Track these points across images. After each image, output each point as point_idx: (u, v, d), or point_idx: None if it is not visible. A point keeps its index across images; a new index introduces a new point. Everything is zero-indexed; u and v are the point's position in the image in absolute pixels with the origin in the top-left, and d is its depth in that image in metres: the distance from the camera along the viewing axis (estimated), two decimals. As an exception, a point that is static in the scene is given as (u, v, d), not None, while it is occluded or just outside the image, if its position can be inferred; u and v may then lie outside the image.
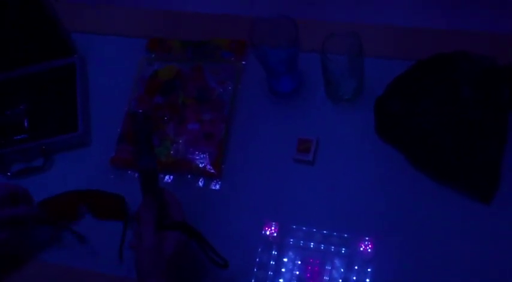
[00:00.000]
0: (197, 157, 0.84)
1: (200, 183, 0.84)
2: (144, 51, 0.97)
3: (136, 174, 0.86)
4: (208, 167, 0.83)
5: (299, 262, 0.75)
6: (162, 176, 0.85)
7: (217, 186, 0.83)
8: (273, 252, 0.76)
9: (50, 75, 0.95)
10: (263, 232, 0.77)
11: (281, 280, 0.75)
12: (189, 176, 0.84)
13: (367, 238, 0.73)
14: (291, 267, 0.75)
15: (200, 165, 0.83)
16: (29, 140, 0.90)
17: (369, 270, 0.73)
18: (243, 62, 0.92)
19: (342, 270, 0.74)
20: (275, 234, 0.76)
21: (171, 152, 0.85)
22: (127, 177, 0.86)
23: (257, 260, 0.76)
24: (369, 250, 0.72)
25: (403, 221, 0.76)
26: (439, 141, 0.78)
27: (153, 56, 0.96)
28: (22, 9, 0.87)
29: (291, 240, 0.77)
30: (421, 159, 0.79)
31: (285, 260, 0.76)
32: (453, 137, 0.78)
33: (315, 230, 0.77)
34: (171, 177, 0.85)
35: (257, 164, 0.84)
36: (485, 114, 0.77)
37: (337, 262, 0.74)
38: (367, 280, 0.72)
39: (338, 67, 0.80)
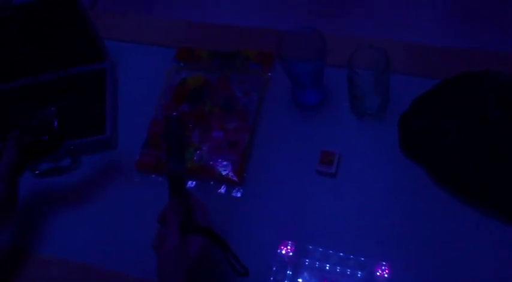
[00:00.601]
0: (220, 164, 0.85)
1: (222, 190, 0.85)
2: (173, 60, 0.99)
3: (159, 178, 0.87)
4: (230, 174, 0.84)
5: (314, 283, 0.75)
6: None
7: (239, 194, 0.84)
8: (288, 272, 0.76)
9: (82, 79, 0.98)
10: (279, 251, 0.77)
11: (295, 300, 0.74)
12: (211, 183, 0.85)
13: (384, 263, 0.72)
14: (305, 288, 0.74)
15: (223, 173, 0.85)
16: (58, 141, 0.92)
17: (384, 295, 0.72)
18: (269, 74, 0.94)
19: (357, 294, 0.73)
20: (291, 254, 0.76)
21: (195, 158, 0.87)
22: (151, 181, 0.87)
23: (271, 278, 0.76)
24: (386, 275, 0.71)
25: (423, 246, 0.75)
26: (463, 159, 0.78)
27: (182, 65, 0.98)
28: (59, 15, 0.91)
29: (307, 260, 0.77)
30: (445, 177, 0.79)
31: (300, 280, 0.75)
32: (477, 156, 0.78)
33: (331, 251, 0.76)
34: (194, 182, 0.86)
35: (279, 173, 0.85)
36: (509, 132, 0.77)
37: (352, 286, 0.73)
38: (382, 305, 0.71)
39: (364, 82, 0.81)
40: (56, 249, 0.85)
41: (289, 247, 0.76)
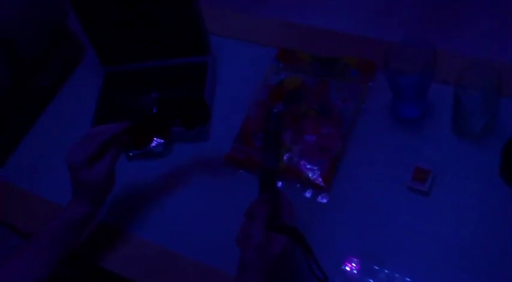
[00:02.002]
0: (309, 168, 0.85)
1: (307, 194, 0.84)
2: (272, 60, 1.00)
3: (247, 175, 0.88)
4: (318, 179, 0.83)
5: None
6: (272, 180, 0.86)
7: (325, 200, 0.83)
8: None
9: (184, 70, 1.02)
10: (343, 267, 0.75)
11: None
12: (297, 185, 0.85)
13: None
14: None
15: (311, 177, 0.84)
16: (155, 126, 0.96)
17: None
18: (370, 83, 0.92)
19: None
20: (355, 272, 0.75)
21: (285, 158, 0.87)
22: (238, 176, 0.88)
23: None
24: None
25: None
26: None
27: (281, 65, 0.98)
28: (172, 5, 0.94)
29: (370, 281, 0.74)
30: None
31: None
32: None
33: (397, 275, 0.74)
34: (280, 183, 0.86)
35: (368, 184, 0.83)
36: None
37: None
38: None
39: (471, 101, 0.78)
40: (139, 230, 0.88)
41: (354, 264, 0.75)
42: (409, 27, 1.85)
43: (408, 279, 0.73)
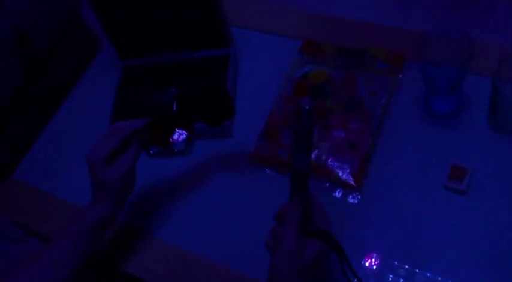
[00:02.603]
0: (338, 166, 0.81)
1: (337, 194, 0.80)
2: (296, 52, 0.95)
3: (273, 173, 0.84)
4: (348, 178, 0.80)
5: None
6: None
7: (355, 200, 0.79)
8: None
9: (205, 63, 0.98)
10: (362, 262, 0.72)
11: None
12: (327, 185, 0.81)
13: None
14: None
15: (341, 175, 0.80)
16: (175, 123, 0.92)
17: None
18: (400, 75, 0.87)
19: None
20: (374, 267, 0.72)
21: (312, 156, 0.83)
22: (264, 175, 0.85)
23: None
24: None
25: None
26: None
27: (306, 58, 0.94)
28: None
29: (391, 276, 0.71)
30: None
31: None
32: None
33: (417, 270, 0.71)
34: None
35: (401, 183, 0.79)
36: None
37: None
38: None
39: (510, 94, 0.73)
40: (160, 231, 0.85)
41: (373, 260, 0.73)
42: (439, 15, 1.78)
43: (429, 274, 0.70)
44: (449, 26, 0.76)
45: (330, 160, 0.82)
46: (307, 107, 0.61)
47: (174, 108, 0.93)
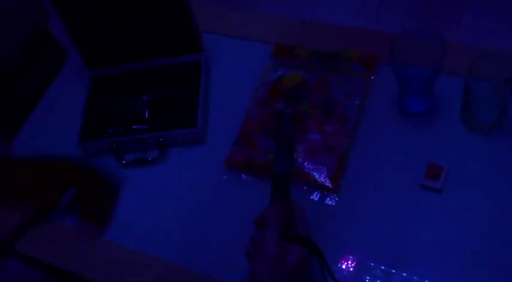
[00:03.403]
0: (315, 169, 0.80)
1: (315, 197, 0.80)
2: (269, 57, 0.95)
3: (250, 178, 0.83)
4: (325, 180, 0.79)
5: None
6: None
7: (333, 202, 0.79)
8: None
9: (176, 70, 0.96)
10: (339, 265, 0.72)
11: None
12: (304, 188, 0.80)
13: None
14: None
15: (317, 178, 0.79)
16: (148, 131, 0.90)
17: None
18: (373, 77, 0.88)
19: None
20: (351, 269, 0.72)
21: (289, 160, 0.82)
22: (241, 181, 0.83)
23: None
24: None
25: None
26: None
27: (279, 62, 0.94)
28: (162, 2, 0.89)
29: (367, 277, 0.71)
30: None
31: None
32: None
33: (394, 271, 0.71)
34: (284, 186, 0.82)
35: (378, 184, 0.79)
36: None
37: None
38: None
39: (482, 92, 0.74)
40: (135, 241, 0.82)
41: (350, 262, 0.73)
42: (409, 17, 1.81)
43: (405, 274, 0.70)
44: (422, 27, 0.76)
45: (306, 163, 0.81)
46: (288, 111, 0.61)
47: (146, 116, 0.92)
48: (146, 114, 0.92)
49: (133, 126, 0.92)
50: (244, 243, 0.67)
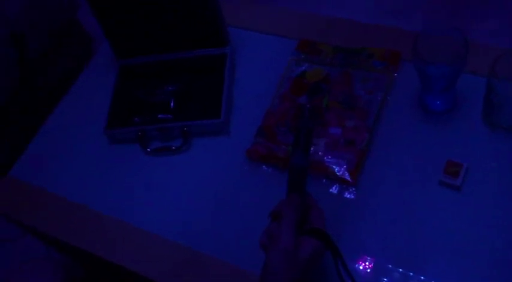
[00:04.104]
0: (335, 162, 0.82)
1: (334, 190, 0.81)
2: (293, 52, 0.96)
3: (270, 170, 0.85)
4: (345, 174, 0.80)
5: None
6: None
7: (352, 196, 0.80)
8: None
9: (202, 62, 0.98)
10: (356, 265, 0.73)
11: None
12: (323, 181, 0.82)
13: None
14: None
15: (337, 171, 0.81)
16: (172, 120, 0.93)
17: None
18: (395, 74, 0.89)
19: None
20: (368, 271, 0.72)
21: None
22: (261, 172, 0.85)
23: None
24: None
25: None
26: None
27: (302, 57, 0.95)
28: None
29: (385, 280, 0.72)
30: None
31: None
32: None
33: (411, 274, 0.71)
34: (305, 178, 0.83)
35: (397, 179, 0.79)
36: None
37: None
38: None
39: (505, 91, 0.74)
40: (156, 227, 0.85)
41: (367, 264, 0.73)
42: (433, 16, 1.80)
43: (422, 278, 0.70)
44: (445, 26, 0.77)
45: (326, 156, 0.82)
46: (308, 105, 0.62)
47: (172, 106, 0.94)
48: (171, 104, 0.94)
49: (159, 116, 0.94)
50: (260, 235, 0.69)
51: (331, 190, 0.81)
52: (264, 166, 0.86)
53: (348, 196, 0.80)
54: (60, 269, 0.98)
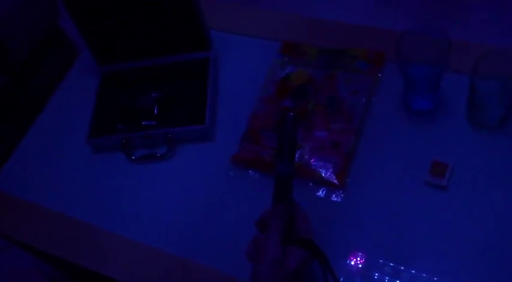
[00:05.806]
0: (321, 165, 0.81)
1: (321, 193, 0.81)
2: (276, 54, 0.96)
3: (256, 175, 0.84)
4: (331, 176, 0.80)
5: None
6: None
7: (339, 199, 0.80)
8: (355, 284, 0.72)
9: (185, 67, 0.97)
10: (347, 261, 0.73)
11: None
12: (310, 184, 0.81)
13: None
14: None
15: (323, 175, 0.80)
16: (156, 127, 0.92)
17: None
18: (379, 75, 0.88)
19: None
20: (359, 266, 0.72)
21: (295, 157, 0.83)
22: (247, 177, 0.85)
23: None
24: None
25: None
26: None
27: (286, 59, 0.94)
28: (172, 2, 0.90)
29: (376, 274, 0.72)
30: None
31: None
32: None
33: (402, 268, 0.71)
34: (291, 183, 0.83)
35: (384, 180, 0.79)
36: None
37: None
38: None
39: (488, 90, 0.74)
40: (143, 236, 0.84)
41: (359, 259, 0.73)
42: (415, 16, 1.81)
43: (413, 271, 0.70)
44: (428, 25, 0.77)
45: (312, 160, 0.82)
46: (291, 113, 0.61)
47: (155, 112, 0.93)
48: (155, 110, 0.93)
49: (143, 122, 0.93)
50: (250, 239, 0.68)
51: (318, 194, 0.81)
52: (250, 171, 0.85)
53: (335, 199, 0.80)
54: (48, 280, 0.97)
